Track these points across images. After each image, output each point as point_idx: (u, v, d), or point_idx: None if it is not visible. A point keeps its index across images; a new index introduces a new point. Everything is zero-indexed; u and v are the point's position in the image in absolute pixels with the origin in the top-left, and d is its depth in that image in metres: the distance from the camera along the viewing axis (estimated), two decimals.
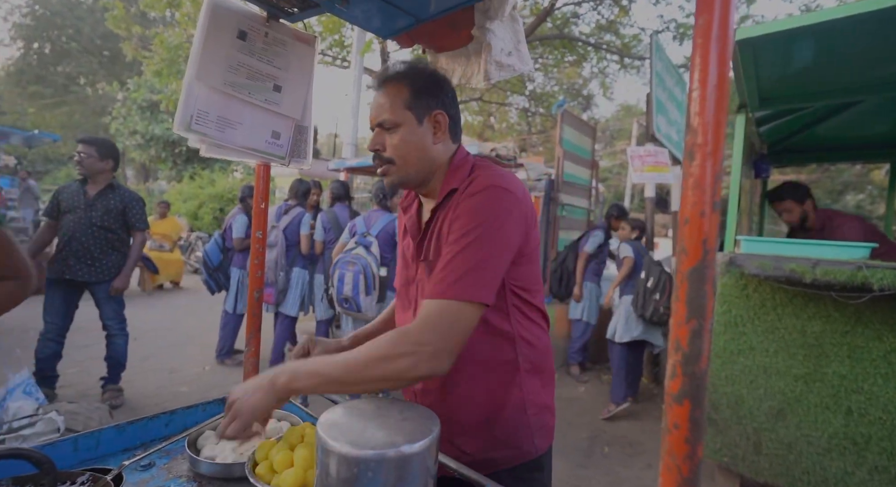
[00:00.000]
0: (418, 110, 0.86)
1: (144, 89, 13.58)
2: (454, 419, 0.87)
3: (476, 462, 0.87)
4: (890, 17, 1.70)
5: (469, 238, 0.77)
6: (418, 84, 0.86)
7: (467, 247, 0.76)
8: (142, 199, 3.11)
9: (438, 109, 0.87)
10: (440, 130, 0.88)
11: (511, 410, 0.88)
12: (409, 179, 0.89)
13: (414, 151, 0.86)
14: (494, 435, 0.88)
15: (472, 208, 0.79)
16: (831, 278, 1.94)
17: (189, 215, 9.93)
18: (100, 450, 0.88)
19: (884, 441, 2.00)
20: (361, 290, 2.87)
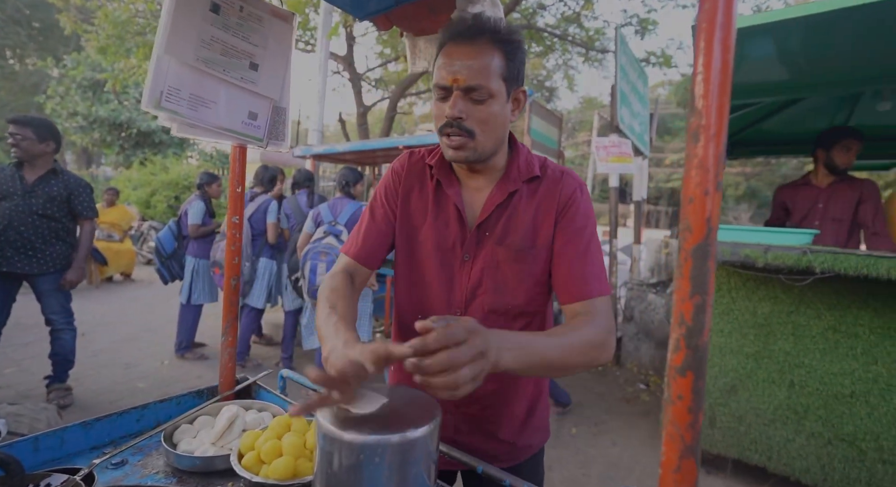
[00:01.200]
0: (510, 83, 0.78)
1: (85, 67, 12.53)
2: (505, 415, 0.89)
3: (517, 450, 0.91)
4: (829, 20, 1.82)
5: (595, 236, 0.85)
6: (513, 52, 0.77)
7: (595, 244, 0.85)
8: (89, 185, 2.89)
9: (522, 85, 0.82)
10: (518, 108, 0.83)
11: (544, 395, 0.95)
12: (483, 157, 0.81)
13: (499, 129, 0.80)
14: (534, 422, 0.93)
15: (587, 205, 0.86)
16: (780, 263, 2.10)
17: (140, 203, 9.34)
18: (65, 449, 0.82)
19: (819, 409, 2.20)
20: None
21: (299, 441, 0.77)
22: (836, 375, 2.15)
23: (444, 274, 0.87)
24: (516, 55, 0.78)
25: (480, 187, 0.88)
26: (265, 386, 1.10)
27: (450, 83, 0.76)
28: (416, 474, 0.64)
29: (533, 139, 4.77)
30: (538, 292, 0.87)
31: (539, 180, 0.87)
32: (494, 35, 0.76)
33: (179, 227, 3.86)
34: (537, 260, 0.84)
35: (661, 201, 20.74)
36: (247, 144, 1.04)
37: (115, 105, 13.46)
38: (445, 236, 0.87)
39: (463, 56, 0.75)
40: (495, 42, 0.76)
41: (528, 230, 0.84)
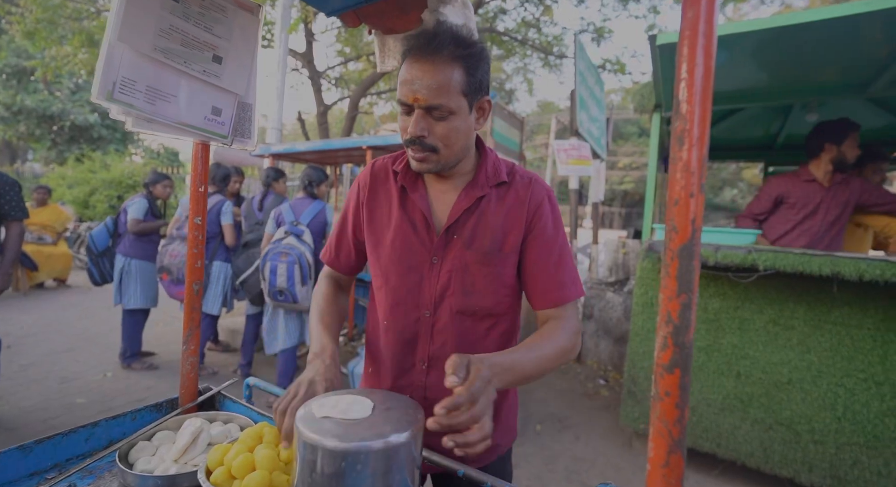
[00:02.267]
0: (471, 97, 0.78)
1: (7, 52, 11.41)
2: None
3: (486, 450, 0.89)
4: (761, 37, 1.98)
5: (565, 241, 0.89)
6: (473, 64, 0.77)
7: (567, 249, 0.89)
8: (17, 183, 2.63)
9: (487, 95, 0.82)
10: (483, 117, 0.83)
11: (511, 395, 0.96)
12: (447, 167, 0.84)
13: (462, 140, 0.81)
14: (500, 423, 0.93)
15: (556, 212, 0.90)
16: (729, 261, 2.24)
17: (77, 203, 8.61)
18: (0, 477, 0.73)
19: (762, 397, 2.37)
20: (297, 281, 2.76)
21: (273, 453, 0.73)
22: (775, 364, 2.32)
23: (414, 277, 0.88)
24: (479, 66, 0.78)
25: (447, 190, 0.89)
26: (230, 396, 1.04)
27: (411, 101, 0.77)
28: (400, 480, 0.63)
29: (496, 141, 4.84)
30: (505, 295, 0.89)
31: (507, 185, 0.89)
32: (455, 50, 0.76)
33: (116, 225, 3.58)
34: (505, 264, 0.87)
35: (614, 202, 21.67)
36: (210, 141, 0.98)
37: (45, 95, 12.35)
38: (413, 240, 0.88)
39: (423, 74, 0.75)
40: (455, 57, 0.76)
41: (497, 235, 0.86)
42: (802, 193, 2.54)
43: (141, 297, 3.46)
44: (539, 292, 0.87)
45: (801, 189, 2.54)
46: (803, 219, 2.53)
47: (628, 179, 21.42)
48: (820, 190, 2.51)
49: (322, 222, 3.01)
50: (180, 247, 3.34)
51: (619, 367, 3.95)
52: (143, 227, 3.43)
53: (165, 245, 3.38)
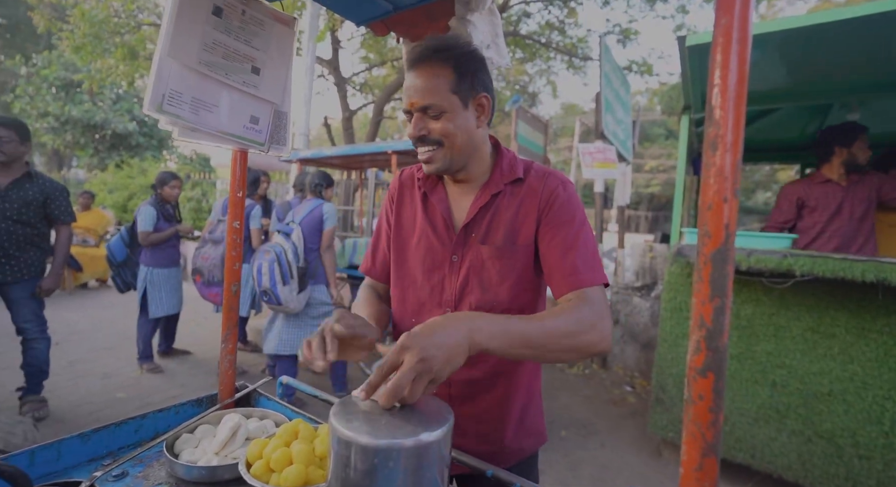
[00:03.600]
0: (463, 94, 0.82)
1: (57, 66, 12.13)
2: (495, 416, 0.90)
3: (507, 452, 0.90)
4: (799, 36, 1.91)
5: (583, 228, 0.85)
6: (463, 64, 0.82)
7: (584, 235, 0.84)
8: (66, 189, 2.80)
9: (483, 91, 0.84)
10: (483, 113, 0.86)
11: (538, 397, 0.95)
12: (454, 165, 0.86)
13: (462, 136, 0.84)
14: (526, 425, 0.92)
15: (571, 199, 0.87)
16: (762, 266, 2.17)
17: (117, 207, 9.06)
18: (62, 463, 0.79)
19: (800, 408, 2.27)
20: (278, 280, 2.68)
21: (308, 449, 0.76)
22: (815, 374, 2.23)
23: (436, 276, 0.91)
24: (467, 65, 0.82)
25: (465, 192, 0.92)
26: (265, 393, 1.08)
27: (409, 107, 0.84)
28: (430, 478, 0.64)
29: (519, 144, 4.83)
30: (522, 289, 0.89)
31: (522, 182, 0.90)
32: (441, 53, 0.81)
33: (132, 234, 3.61)
34: (519, 257, 0.87)
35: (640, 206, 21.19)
36: (248, 149, 1.03)
37: (90, 106, 13.05)
38: (434, 241, 0.91)
39: (414, 80, 0.82)
40: (443, 60, 0.81)
41: (510, 228, 0.87)
42: (821, 194, 2.50)
43: (167, 304, 3.55)
44: (553, 279, 0.84)
45: (819, 191, 2.51)
46: (829, 220, 2.49)
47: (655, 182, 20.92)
48: (839, 189, 2.48)
49: (316, 218, 2.94)
50: (212, 250, 3.43)
51: (645, 373, 3.87)
52: (153, 239, 3.44)
53: (198, 248, 3.49)
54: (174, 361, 3.82)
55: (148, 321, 3.56)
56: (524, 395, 0.93)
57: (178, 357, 3.90)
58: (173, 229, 3.59)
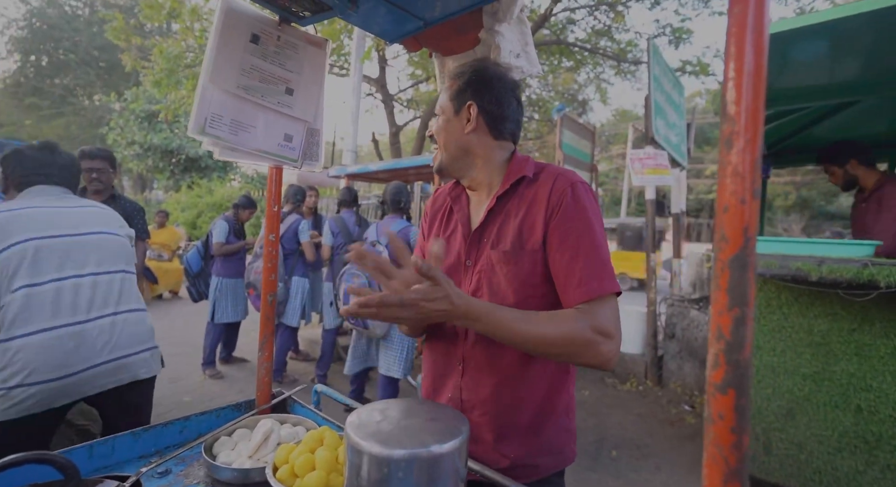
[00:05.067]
0: (457, 102, 0.94)
1: (143, 100, 13.62)
2: (505, 425, 0.87)
3: (518, 468, 0.86)
4: (885, 17, 1.72)
5: (591, 233, 0.83)
6: (463, 80, 0.94)
7: (592, 241, 0.82)
8: (142, 208, 3.11)
9: (472, 101, 0.93)
10: (470, 120, 0.92)
11: (559, 414, 0.89)
12: (446, 163, 0.96)
13: (448, 136, 0.95)
14: (540, 441, 0.88)
15: (581, 202, 0.84)
16: (837, 276, 1.95)
17: (187, 224, 9.92)
18: (115, 457, 0.86)
19: (894, 439, 1.99)
20: None
21: (331, 456, 0.78)
22: None
23: (453, 280, 0.90)
24: (467, 78, 0.94)
25: (482, 200, 0.96)
26: (299, 401, 1.12)
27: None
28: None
29: (565, 154, 4.73)
30: (530, 295, 0.86)
31: (532, 183, 0.89)
32: (458, 74, 0.97)
33: (206, 247, 3.99)
34: (526, 262, 0.86)
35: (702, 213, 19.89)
36: (283, 165, 1.08)
37: (167, 133, 14.50)
38: (452, 245, 0.96)
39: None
40: (456, 77, 0.96)
41: (517, 233, 0.87)
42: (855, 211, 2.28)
43: (231, 312, 3.86)
44: (562, 289, 0.82)
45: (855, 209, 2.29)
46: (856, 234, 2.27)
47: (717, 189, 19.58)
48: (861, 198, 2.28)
49: (404, 240, 2.92)
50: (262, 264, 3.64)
51: (706, 392, 3.57)
52: (226, 249, 3.82)
53: (251, 263, 3.73)
54: (234, 368, 4.07)
55: (214, 327, 3.84)
56: (536, 408, 0.88)
57: (238, 364, 4.15)
58: (243, 242, 3.97)
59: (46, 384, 1.15)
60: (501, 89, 0.93)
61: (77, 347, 1.22)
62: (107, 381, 1.29)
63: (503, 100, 0.93)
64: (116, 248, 1.43)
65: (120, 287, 1.40)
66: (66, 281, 1.26)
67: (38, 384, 1.14)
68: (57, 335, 1.19)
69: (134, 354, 1.37)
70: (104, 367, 1.27)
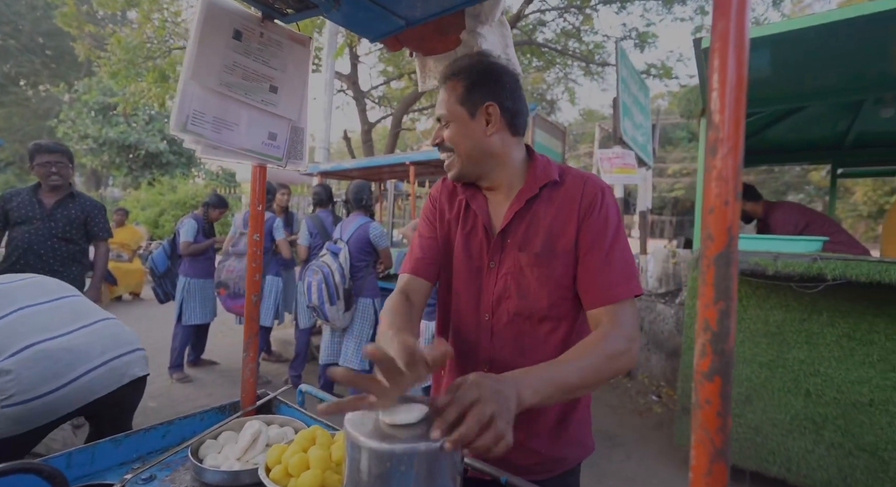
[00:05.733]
0: (470, 105, 0.88)
1: (96, 91, 12.85)
2: (534, 423, 0.88)
3: (547, 463, 0.89)
4: (828, 31, 1.86)
5: (618, 236, 0.85)
6: (472, 79, 0.89)
7: (622, 246, 0.85)
8: (103, 207, 2.95)
9: (490, 101, 0.88)
10: (492, 121, 0.88)
11: (582, 407, 0.92)
12: (468, 170, 0.92)
13: (467, 142, 0.89)
14: (568, 434, 0.90)
15: (610, 207, 0.87)
16: (790, 270, 2.10)
17: (149, 223, 9.46)
18: (95, 465, 0.83)
19: (838, 419, 2.16)
20: (325, 299, 2.80)
21: (325, 454, 0.78)
22: (853, 383, 2.12)
23: (474, 282, 0.93)
24: (475, 77, 0.89)
25: (502, 200, 0.93)
26: (285, 401, 1.11)
27: (437, 120, 0.95)
28: (442, 484, 0.65)
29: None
30: (561, 297, 0.87)
31: (559, 186, 0.90)
32: (454, 72, 0.91)
33: (173, 246, 3.85)
34: (558, 264, 0.86)
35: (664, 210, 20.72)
36: (267, 164, 1.07)
37: (124, 127, 13.75)
38: (473, 246, 0.93)
39: (439, 95, 0.93)
40: (457, 77, 0.90)
41: (548, 235, 0.87)
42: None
43: (199, 313, 3.72)
44: (586, 291, 0.84)
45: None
46: None
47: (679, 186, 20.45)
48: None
49: (363, 236, 2.96)
50: (235, 263, 3.55)
51: (671, 382, 3.75)
52: (194, 249, 3.68)
53: (222, 262, 3.62)
54: (202, 371, 3.94)
55: (183, 329, 3.70)
56: (563, 404, 0.91)
57: (206, 367, 4.02)
58: (211, 240, 3.84)
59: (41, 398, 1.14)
60: (513, 84, 0.90)
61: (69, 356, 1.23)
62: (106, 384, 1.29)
63: (517, 94, 0.90)
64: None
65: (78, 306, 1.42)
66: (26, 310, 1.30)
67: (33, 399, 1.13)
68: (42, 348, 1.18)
69: (126, 353, 1.36)
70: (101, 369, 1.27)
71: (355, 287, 2.94)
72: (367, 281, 3.03)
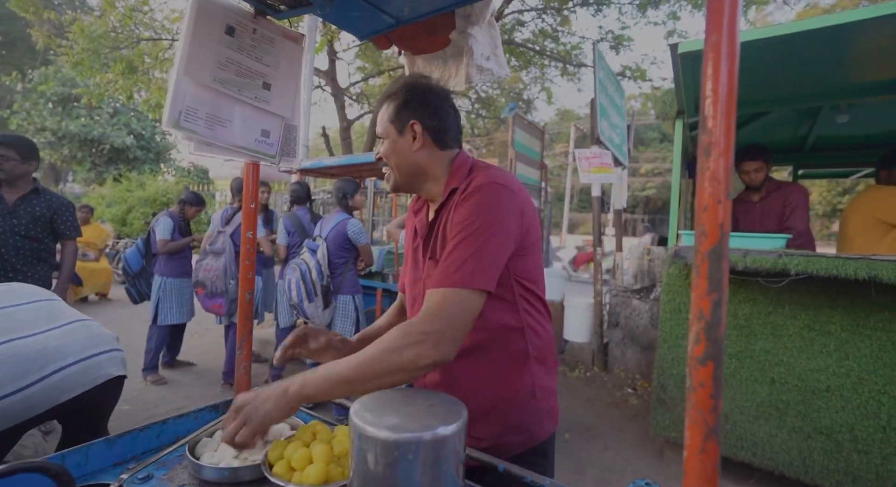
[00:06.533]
0: (398, 123, 0.95)
1: (54, 81, 12.19)
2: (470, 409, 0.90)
3: (491, 448, 0.91)
4: (789, 41, 1.98)
5: (468, 231, 0.82)
6: (400, 100, 0.95)
7: (466, 239, 0.82)
8: (71, 204, 2.82)
9: (414, 119, 0.94)
10: (416, 138, 0.94)
11: (523, 396, 0.94)
12: (401, 182, 0.97)
13: (398, 157, 0.96)
14: (507, 421, 0.93)
15: (471, 204, 0.84)
16: (758, 266, 2.22)
17: (116, 220, 9.07)
18: (89, 466, 0.81)
19: (799, 405, 2.31)
20: (304, 297, 2.79)
21: (327, 448, 0.80)
22: (812, 371, 2.27)
23: (415, 290, 1.01)
24: (403, 97, 0.95)
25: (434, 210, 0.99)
26: None
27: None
28: (446, 471, 0.67)
29: (517, 151, 4.89)
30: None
31: (458, 191, 0.90)
32: (387, 95, 0.98)
33: (147, 245, 3.73)
34: None
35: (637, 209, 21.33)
36: (260, 161, 1.06)
37: (87, 120, 13.11)
38: (417, 256, 1.01)
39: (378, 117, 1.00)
40: (387, 98, 0.97)
41: (444, 243, 0.89)
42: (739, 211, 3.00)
43: (176, 313, 3.62)
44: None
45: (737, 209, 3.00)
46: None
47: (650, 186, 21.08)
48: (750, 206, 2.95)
49: (341, 233, 2.95)
50: (213, 262, 3.46)
51: (647, 375, 3.89)
52: (171, 247, 3.57)
53: (199, 261, 3.52)
54: (178, 372, 3.83)
55: (158, 330, 3.58)
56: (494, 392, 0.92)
57: (183, 369, 3.91)
58: (189, 239, 3.73)
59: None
60: (438, 102, 0.95)
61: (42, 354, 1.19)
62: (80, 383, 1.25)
63: (441, 112, 0.95)
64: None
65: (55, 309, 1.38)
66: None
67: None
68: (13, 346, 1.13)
69: (102, 352, 1.32)
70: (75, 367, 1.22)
71: (334, 284, 2.92)
72: (346, 278, 3.01)
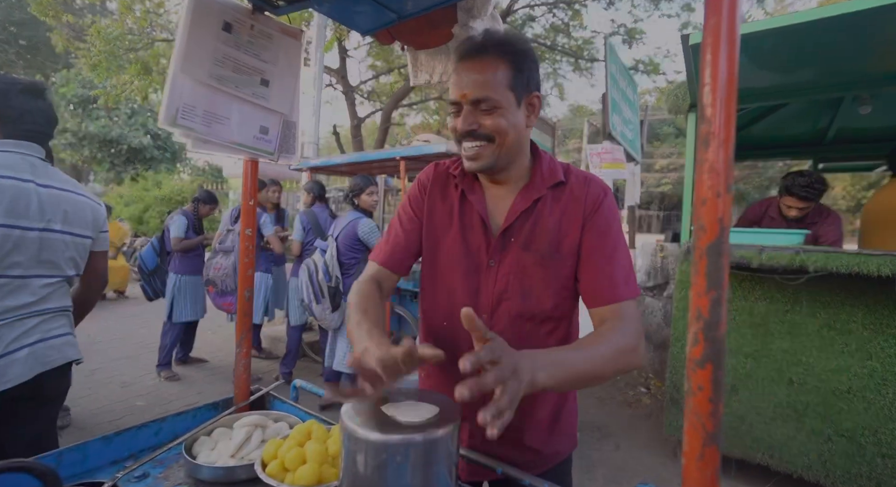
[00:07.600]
0: (518, 92, 0.80)
1: (75, 84, 12.51)
2: (529, 418, 0.88)
3: (544, 457, 0.89)
4: (809, 30, 1.90)
5: (619, 238, 0.85)
6: (520, 61, 0.80)
7: (618, 246, 0.84)
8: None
9: (536, 91, 0.83)
10: (534, 113, 0.84)
11: (571, 400, 0.93)
12: (500, 164, 0.83)
13: (512, 135, 0.81)
14: (560, 427, 0.91)
15: (607, 210, 0.85)
16: (774, 263, 2.15)
17: (133, 219, 9.28)
18: (87, 464, 0.82)
19: (819, 406, 2.23)
20: (311, 297, 2.78)
21: (321, 448, 0.79)
22: (832, 372, 2.19)
23: (470, 280, 0.88)
24: (524, 63, 0.80)
25: (503, 195, 0.89)
26: (279, 397, 1.11)
27: (459, 98, 0.80)
28: (437, 473, 0.66)
29: None
30: (564, 297, 0.87)
31: (563, 186, 0.88)
32: (500, 47, 0.79)
33: (162, 243, 3.79)
34: (563, 265, 0.85)
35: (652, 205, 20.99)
36: (258, 158, 1.06)
37: (106, 121, 13.43)
38: (470, 243, 0.88)
39: (470, 71, 0.79)
40: (502, 54, 0.79)
41: (554, 235, 0.85)
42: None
43: (190, 310, 3.67)
44: (591, 290, 0.83)
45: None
46: None
47: (666, 182, 20.71)
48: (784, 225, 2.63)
49: (351, 233, 2.93)
50: (223, 260, 3.51)
51: (660, 374, 3.82)
52: (184, 245, 3.63)
53: (210, 259, 3.57)
54: (192, 369, 3.89)
55: (173, 327, 3.64)
56: (556, 397, 0.91)
57: (196, 365, 3.97)
58: (202, 237, 3.78)
59: None
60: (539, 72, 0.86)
61: None
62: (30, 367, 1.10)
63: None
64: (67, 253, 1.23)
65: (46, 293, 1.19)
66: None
67: None
68: None
69: (59, 335, 1.20)
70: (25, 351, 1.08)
71: (345, 285, 2.91)
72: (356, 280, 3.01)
